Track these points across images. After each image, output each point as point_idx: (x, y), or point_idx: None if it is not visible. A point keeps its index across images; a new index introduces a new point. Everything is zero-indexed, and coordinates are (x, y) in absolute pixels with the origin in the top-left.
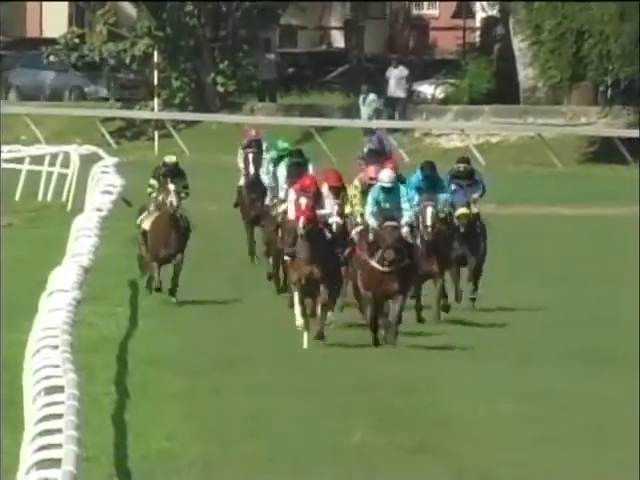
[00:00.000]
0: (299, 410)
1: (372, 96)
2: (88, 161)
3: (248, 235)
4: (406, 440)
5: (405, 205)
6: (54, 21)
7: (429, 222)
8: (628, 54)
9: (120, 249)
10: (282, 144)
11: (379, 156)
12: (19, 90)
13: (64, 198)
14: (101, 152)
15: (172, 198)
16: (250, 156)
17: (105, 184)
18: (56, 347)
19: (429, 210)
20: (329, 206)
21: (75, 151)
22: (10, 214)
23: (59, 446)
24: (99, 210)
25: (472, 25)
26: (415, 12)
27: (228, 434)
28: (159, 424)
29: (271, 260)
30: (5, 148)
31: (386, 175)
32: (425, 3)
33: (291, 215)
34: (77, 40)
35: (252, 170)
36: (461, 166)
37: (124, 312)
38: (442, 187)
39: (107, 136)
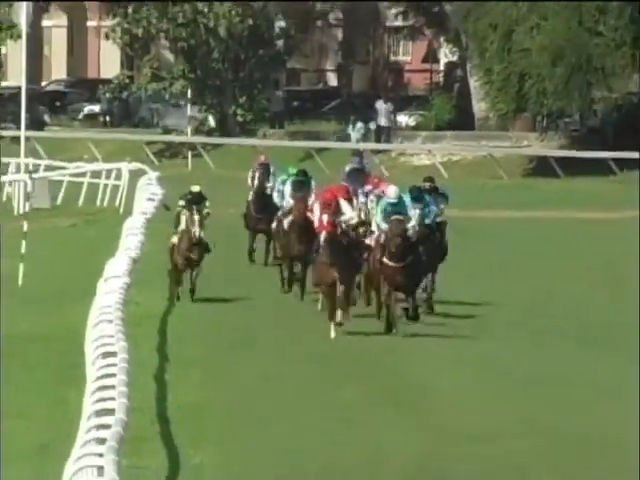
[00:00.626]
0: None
1: (360, 124)
2: (136, 175)
3: (250, 241)
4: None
5: (411, 212)
6: (109, 65)
7: (410, 231)
8: (559, 92)
9: (160, 245)
10: (292, 170)
11: (359, 174)
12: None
13: (117, 204)
14: (146, 168)
15: (196, 229)
16: (259, 177)
17: (149, 193)
18: (111, 321)
19: (417, 211)
20: (348, 211)
21: (125, 167)
22: (74, 216)
23: (113, 399)
24: (144, 214)
25: (437, 68)
26: (392, 58)
27: (244, 391)
28: (190, 383)
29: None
30: (71, 165)
31: (392, 191)
32: (400, 50)
33: (316, 222)
34: (127, 80)
35: (259, 189)
36: (427, 184)
37: (163, 294)
38: (427, 203)
39: (151, 155)
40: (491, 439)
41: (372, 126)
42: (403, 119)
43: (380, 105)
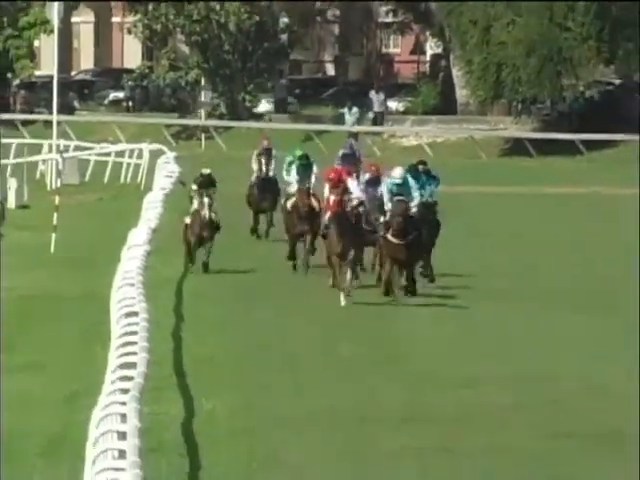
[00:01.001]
0: (306, 331)
1: (355, 109)
2: (155, 155)
3: (253, 220)
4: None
5: (415, 193)
6: (131, 56)
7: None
8: (532, 80)
9: (177, 217)
10: (298, 152)
11: (351, 159)
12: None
13: (138, 181)
14: (164, 148)
15: (206, 211)
16: (262, 161)
17: (167, 171)
18: (133, 284)
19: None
20: (355, 191)
21: (146, 148)
22: (100, 192)
23: (134, 353)
24: (163, 189)
25: (424, 59)
26: (384, 50)
27: (253, 347)
28: (204, 339)
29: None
30: (98, 145)
31: (397, 172)
32: (391, 43)
33: (325, 202)
34: (147, 70)
35: (263, 171)
36: (420, 167)
37: (180, 261)
38: (423, 183)
39: (168, 137)
40: (473, 386)
41: (370, 115)
42: (393, 105)
43: (373, 94)
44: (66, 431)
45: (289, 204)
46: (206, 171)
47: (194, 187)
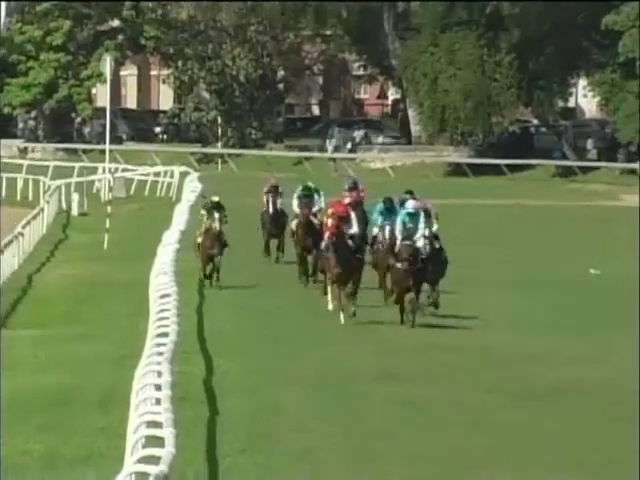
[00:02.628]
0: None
1: (334, 141)
2: (183, 175)
3: (265, 242)
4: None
5: (421, 225)
6: (165, 100)
7: (387, 235)
8: (469, 119)
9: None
10: (308, 184)
11: (354, 189)
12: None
13: (170, 194)
14: (190, 170)
15: (216, 224)
16: (270, 197)
17: (192, 187)
18: (166, 273)
19: (387, 228)
20: (354, 225)
21: (176, 170)
22: (141, 202)
23: (168, 326)
24: (189, 201)
25: (387, 103)
26: (356, 96)
27: (261, 321)
28: (222, 315)
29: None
30: (140, 167)
31: (411, 204)
32: (362, 90)
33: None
34: (177, 111)
35: (271, 206)
36: (407, 196)
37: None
38: (396, 212)
39: (193, 162)
40: (426, 351)
41: (349, 146)
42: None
43: (353, 131)
44: (116, 385)
45: (293, 224)
46: (215, 198)
47: (203, 212)
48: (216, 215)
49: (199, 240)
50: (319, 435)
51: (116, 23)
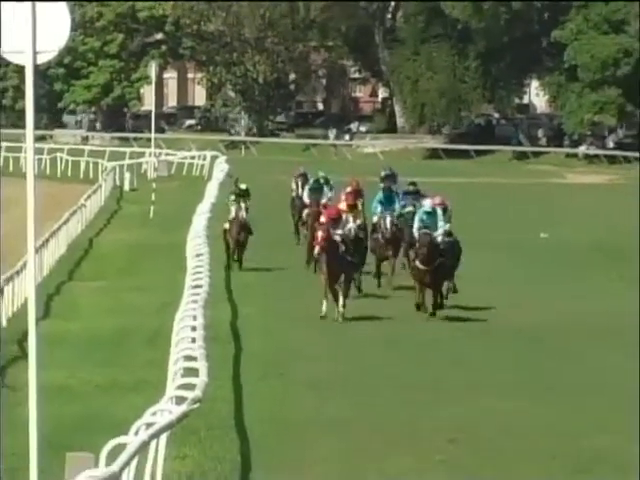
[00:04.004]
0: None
1: (334, 130)
2: (213, 158)
3: (294, 225)
4: None
5: (440, 223)
6: (199, 98)
7: (388, 225)
8: (443, 113)
9: (226, 196)
10: (320, 174)
11: (392, 179)
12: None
13: (203, 174)
14: (219, 154)
15: (242, 213)
16: (299, 183)
17: (220, 168)
18: (200, 237)
19: (388, 217)
20: (350, 223)
21: (208, 154)
22: (180, 180)
23: (201, 279)
24: (218, 179)
25: (377, 100)
26: (353, 95)
27: (278, 275)
28: (243, 271)
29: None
30: (179, 152)
31: (427, 203)
32: (357, 90)
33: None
34: (209, 106)
35: (300, 191)
36: (410, 187)
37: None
38: (395, 201)
39: (222, 148)
40: (403, 296)
41: (347, 135)
42: (358, 127)
43: (351, 125)
44: (160, 327)
45: (305, 213)
46: (243, 185)
47: (231, 197)
48: (242, 205)
49: (226, 226)
50: (325, 367)
51: (160, 36)
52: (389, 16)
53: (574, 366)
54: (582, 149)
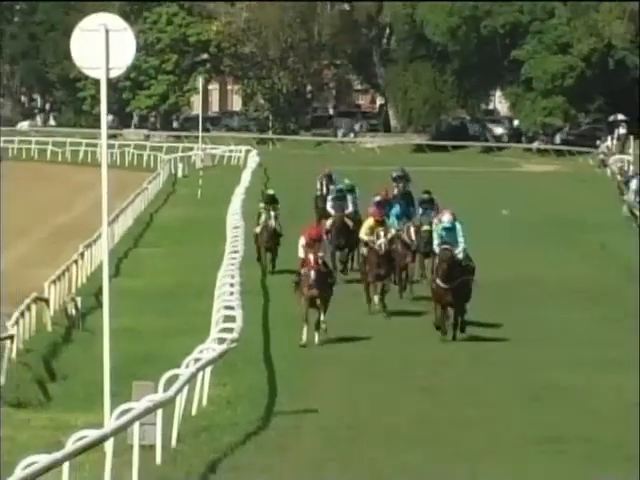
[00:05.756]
0: None
1: (342, 130)
2: (247, 152)
3: (316, 221)
4: None
5: (460, 239)
6: (236, 103)
7: (413, 236)
8: (427, 116)
9: (257, 180)
10: (346, 181)
11: (401, 180)
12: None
13: (240, 164)
14: (252, 148)
15: (272, 221)
16: (323, 183)
17: (253, 159)
18: (237, 213)
19: (412, 228)
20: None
21: (243, 148)
22: (222, 169)
23: (237, 246)
24: (251, 168)
25: (375, 106)
26: (356, 102)
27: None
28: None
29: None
30: (221, 147)
31: (446, 218)
32: (360, 98)
33: (300, 254)
34: (244, 111)
35: (324, 191)
36: (425, 196)
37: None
38: (413, 214)
39: (254, 143)
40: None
41: (351, 134)
42: (359, 127)
43: (355, 126)
44: (206, 283)
45: (328, 223)
46: (270, 191)
47: (261, 205)
48: (272, 213)
49: (257, 230)
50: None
51: (205, 56)
52: (384, 40)
53: (533, 311)
54: (535, 145)
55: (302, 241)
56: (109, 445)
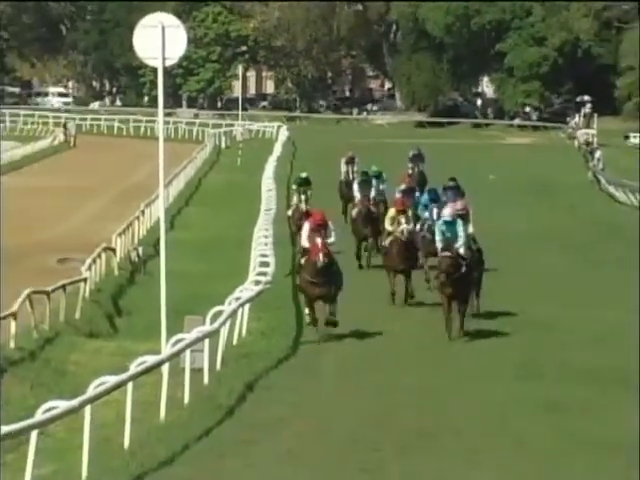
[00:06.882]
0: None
1: (356, 109)
2: (278, 127)
3: (343, 209)
4: None
5: (461, 233)
6: (270, 87)
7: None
8: (427, 98)
9: (287, 151)
10: (373, 168)
11: (418, 158)
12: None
13: (273, 137)
14: (282, 125)
15: (302, 204)
16: (349, 167)
17: (283, 134)
18: (270, 178)
19: (435, 217)
20: (332, 235)
21: (275, 124)
22: (258, 141)
23: (271, 204)
24: (281, 141)
25: (384, 89)
26: (368, 86)
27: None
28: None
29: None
30: (257, 123)
31: (447, 212)
32: (371, 83)
33: (304, 243)
34: (276, 93)
35: (349, 175)
36: (451, 182)
37: (288, 166)
38: (440, 200)
39: (284, 120)
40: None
41: (364, 112)
42: (371, 107)
43: (368, 106)
44: (244, 236)
45: (354, 212)
46: (304, 174)
47: (294, 187)
48: (302, 197)
49: (289, 213)
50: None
51: (244, 48)
52: (392, 35)
53: (516, 255)
54: (516, 121)
55: (306, 227)
56: (165, 368)
